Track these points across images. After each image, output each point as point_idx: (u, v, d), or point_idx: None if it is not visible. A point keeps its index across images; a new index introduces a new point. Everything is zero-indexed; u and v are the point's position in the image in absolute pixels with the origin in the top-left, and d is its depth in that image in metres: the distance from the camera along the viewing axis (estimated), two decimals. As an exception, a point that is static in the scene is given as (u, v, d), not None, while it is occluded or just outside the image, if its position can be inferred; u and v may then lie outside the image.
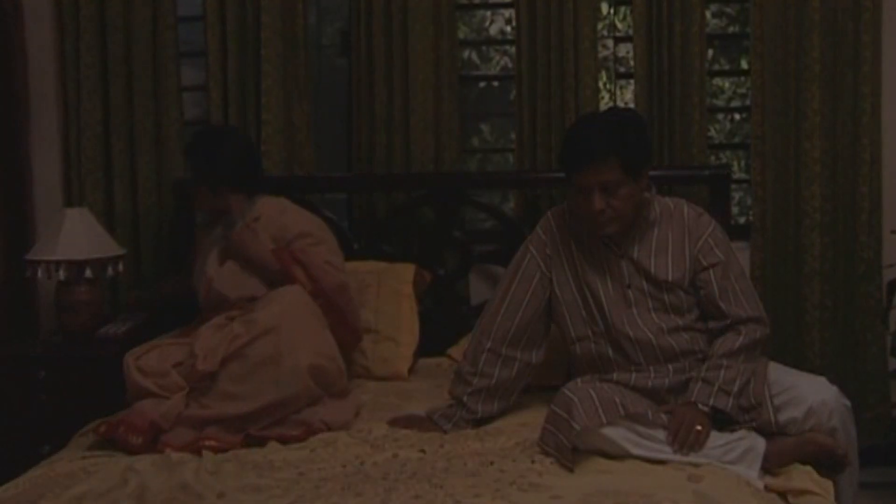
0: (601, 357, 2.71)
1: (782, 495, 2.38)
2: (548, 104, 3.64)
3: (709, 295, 2.67)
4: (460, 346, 3.23)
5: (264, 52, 3.63)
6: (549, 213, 2.84)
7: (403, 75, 3.66)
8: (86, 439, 2.75)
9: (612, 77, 4.14)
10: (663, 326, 2.66)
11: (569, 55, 3.60)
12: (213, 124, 3.67)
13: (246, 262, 3.10)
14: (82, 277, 3.38)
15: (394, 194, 3.73)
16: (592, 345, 2.72)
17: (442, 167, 3.71)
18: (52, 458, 2.62)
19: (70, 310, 3.39)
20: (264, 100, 3.64)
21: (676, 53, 3.60)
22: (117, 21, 3.68)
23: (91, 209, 3.55)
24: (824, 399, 2.58)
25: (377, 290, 3.35)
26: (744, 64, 4.35)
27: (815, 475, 2.45)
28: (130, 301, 3.62)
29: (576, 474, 2.34)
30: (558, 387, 2.57)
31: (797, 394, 2.59)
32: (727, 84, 5.42)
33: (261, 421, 2.71)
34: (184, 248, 3.56)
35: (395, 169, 3.70)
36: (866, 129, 3.57)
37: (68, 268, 3.35)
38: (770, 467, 2.47)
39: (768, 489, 2.39)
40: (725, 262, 2.68)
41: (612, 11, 4.01)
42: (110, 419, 2.71)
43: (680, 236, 2.72)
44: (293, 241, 3.10)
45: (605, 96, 3.96)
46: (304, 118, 3.73)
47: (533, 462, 2.43)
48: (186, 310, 3.43)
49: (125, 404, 2.79)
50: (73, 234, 3.36)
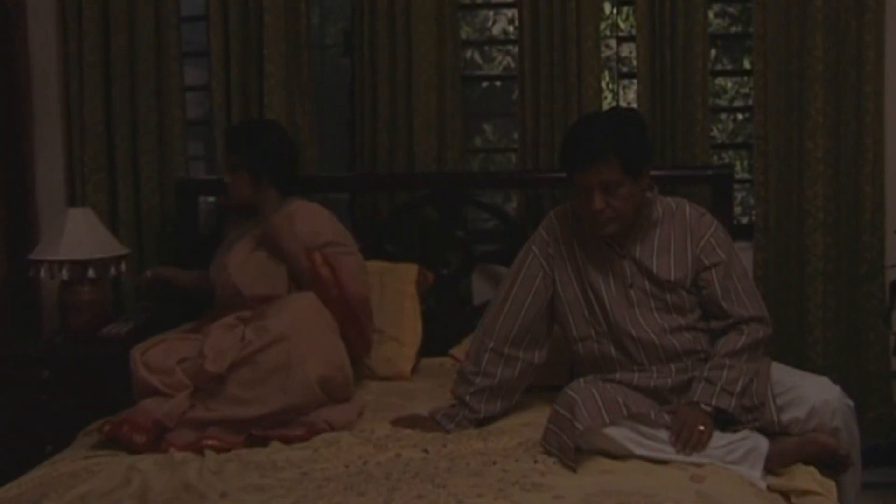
0: (604, 357, 2.71)
1: (785, 495, 2.38)
2: (550, 104, 3.64)
3: (711, 295, 2.67)
4: (463, 346, 3.23)
5: (267, 52, 3.63)
6: (552, 213, 2.85)
7: (406, 75, 3.67)
8: (89, 439, 2.75)
9: (615, 77, 4.15)
10: (665, 326, 2.66)
11: (571, 55, 3.60)
12: (257, 119, 3.66)
13: (276, 252, 3.10)
14: (85, 277, 3.38)
15: (396, 194, 3.73)
16: (595, 344, 2.72)
17: (445, 167, 3.71)
18: (56, 458, 2.62)
19: (73, 309, 3.39)
20: (267, 100, 3.64)
21: (679, 53, 3.60)
22: (120, 21, 3.68)
23: (94, 209, 3.56)
24: (827, 399, 2.58)
25: (380, 290, 3.35)
26: (746, 64, 4.36)
27: (818, 475, 2.45)
28: (146, 279, 3.49)
29: (578, 474, 2.34)
30: (561, 387, 2.56)
31: (800, 394, 2.59)
32: (730, 84, 5.43)
33: (264, 424, 2.71)
34: (186, 248, 3.56)
35: (398, 169, 3.71)
36: (869, 129, 3.57)
37: (71, 268, 3.36)
38: (773, 467, 2.46)
39: (771, 489, 2.38)
40: (727, 262, 2.68)
41: (615, 11, 4.01)
42: (114, 418, 2.71)
43: (682, 236, 2.72)
44: (324, 247, 3.11)
45: (608, 96, 3.96)
46: (307, 118, 3.73)
47: (536, 462, 2.43)
48: (187, 310, 3.44)
49: (130, 400, 2.79)
50: (76, 234, 3.36)
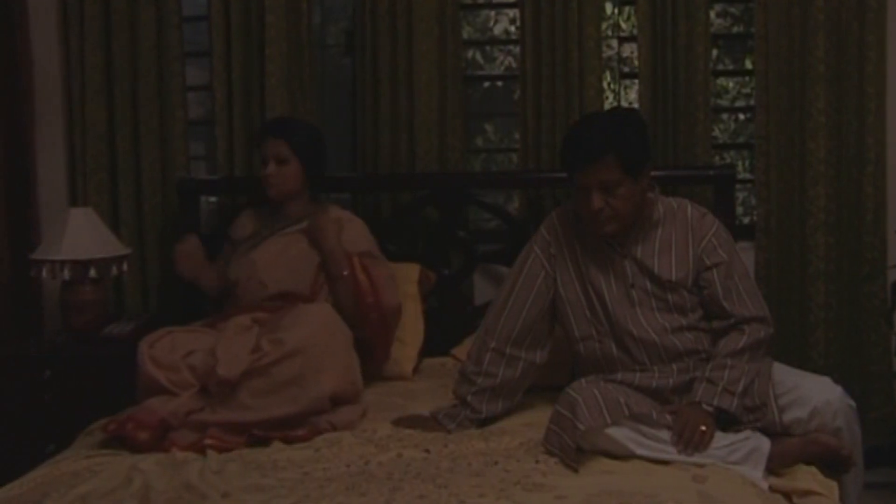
0: (605, 356, 2.71)
1: (787, 496, 2.38)
2: (552, 104, 3.64)
3: (712, 294, 2.67)
4: (464, 346, 3.23)
5: (269, 52, 3.63)
6: (554, 213, 2.85)
7: (408, 75, 3.67)
8: (91, 438, 2.75)
9: (617, 77, 4.15)
10: (667, 326, 2.66)
11: (573, 55, 3.60)
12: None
13: (317, 249, 3.14)
14: (87, 277, 3.38)
15: (398, 194, 3.74)
16: (597, 344, 2.72)
17: (446, 167, 3.71)
18: (57, 458, 2.62)
19: (74, 309, 3.39)
20: (269, 99, 3.64)
21: (681, 53, 3.60)
22: (122, 21, 3.68)
23: (96, 209, 3.56)
24: (829, 399, 2.58)
25: (381, 290, 3.35)
26: (748, 64, 4.35)
27: (820, 476, 2.45)
28: (188, 244, 3.32)
29: (580, 474, 2.34)
30: (563, 387, 2.56)
31: (801, 394, 2.59)
32: (731, 84, 5.42)
33: (267, 425, 2.70)
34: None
35: (400, 169, 3.71)
36: (871, 129, 3.57)
37: (73, 267, 3.36)
38: (774, 468, 2.47)
39: (773, 490, 2.38)
40: (729, 262, 2.68)
41: (617, 11, 4.01)
42: (118, 416, 2.71)
43: (683, 236, 2.72)
44: (363, 255, 3.16)
45: (610, 96, 3.96)
46: (309, 118, 3.72)
47: (537, 462, 2.43)
48: (188, 310, 3.44)
49: (132, 399, 2.80)
50: (78, 234, 3.36)
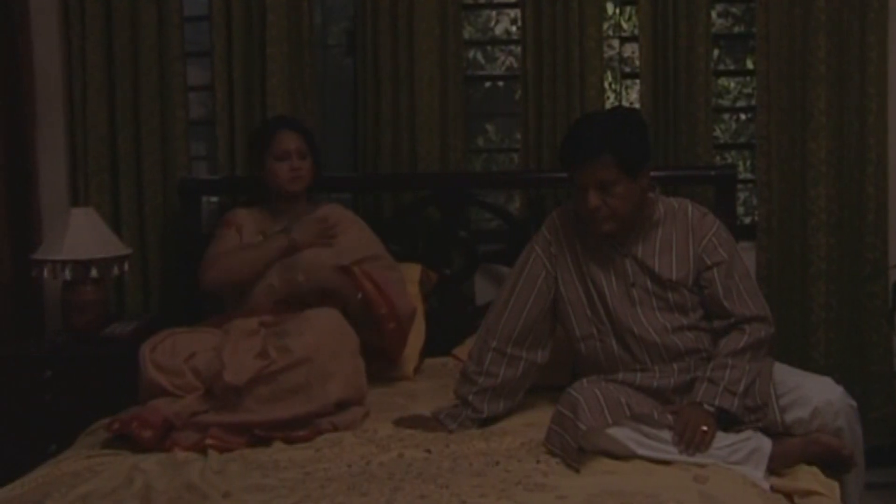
0: (606, 355, 2.71)
1: (788, 496, 2.38)
2: (553, 104, 3.64)
3: (713, 294, 2.67)
4: (466, 346, 3.23)
5: (270, 52, 3.63)
6: (555, 213, 2.85)
7: (409, 75, 3.67)
8: (92, 438, 2.75)
9: (618, 77, 4.15)
10: (668, 325, 2.66)
11: (574, 55, 3.60)
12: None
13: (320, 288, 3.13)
14: (88, 277, 3.38)
15: (399, 194, 3.74)
16: (598, 343, 2.72)
17: (447, 167, 3.71)
18: (58, 458, 2.62)
19: (76, 309, 3.39)
20: (270, 100, 3.64)
21: (682, 53, 3.60)
22: (123, 21, 3.68)
23: (97, 209, 3.56)
24: (830, 399, 2.58)
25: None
26: (749, 64, 4.35)
27: (821, 476, 2.45)
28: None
29: (581, 475, 2.34)
30: (564, 387, 2.56)
31: (803, 394, 2.59)
32: (733, 84, 5.42)
33: (269, 426, 2.70)
34: (189, 248, 3.56)
35: (401, 169, 3.71)
36: (872, 130, 3.57)
37: (74, 267, 3.36)
38: (776, 468, 2.47)
39: (774, 490, 2.38)
40: (729, 261, 2.68)
41: (618, 11, 4.02)
42: (122, 415, 2.71)
43: (684, 235, 2.72)
44: (364, 261, 3.15)
45: (611, 96, 3.97)
46: (310, 118, 3.72)
47: (538, 462, 2.43)
48: (189, 310, 3.45)
49: (133, 399, 2.80)
50: (79, 234, 3.36)
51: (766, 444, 2.47)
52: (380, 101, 3.69)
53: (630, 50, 4.02)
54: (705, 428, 2.44)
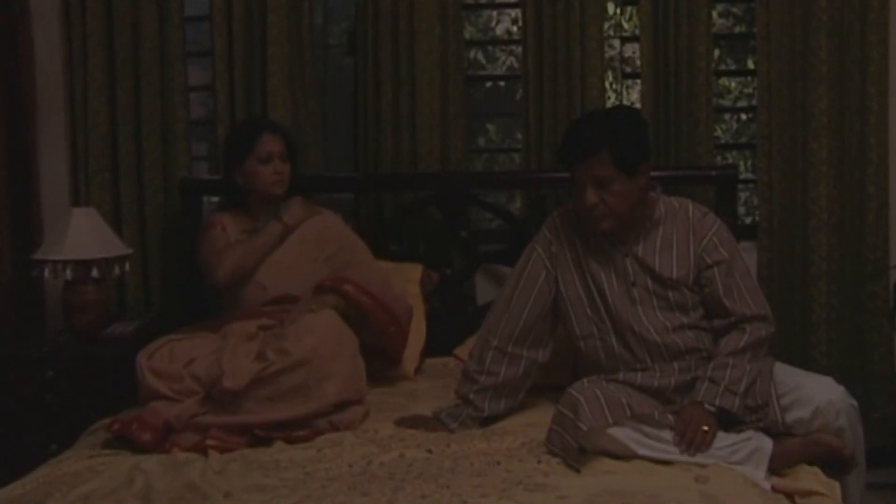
0: (607, 354, 2.71)
1: (789, 496, 2.37)
2: (554, 104, 3.64)
3: (713, 293, 2.67)
4: (466, 346, 3.23)
5: (271, 52, 3.63)
6: (555, 213, 2.85)
7: (410, 75, 3.66)
8: (92, 438, 2.75)
9: (619, 77, 4.15)
10: (668, 324, 2.66)
11: (575, 55, 3.60)
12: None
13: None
14: (89, 277, 3.38)
15: (400, 194, 3.73)
16: (598, 342, 2.72)
17: (448, 167, 3.71)
18: (59, 458, 2.62)
19: (77, 309, 3.39)
20: (271, 99, 3.64)
21: (683, 53, 3.60)
22: (124, 21, 3.68)
23: (98, 209, 3.56)
24: (831, 399, 2.58)
25: (383, 290, 3.34)
26: (750, 64, 4.36)
27: (822, 476, 2.45)
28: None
29: (582, 475, 2.34)
30: (565, 387, 2.57)
31: (804, 394, 2.59)
32: (733, 84, 5.43)
33: (269, 426, 2.70)
34: (190, 248, 3.56)
35: (402, 169, 3.70)
36: (873, 130, 3.56)
37: (75, 267, 3.36)
38: (776, 468, 2.46)
39: (775, 490, 2.38)
40: (730, 261, 2.68)
41: (619, 11, 4.02)
42: (122, 416, 2.71)
43: (685, 235, 2.72)
44: (347, 268, 3.16)
45: (612, 96, 3.96)
46: (311, 118, 3.73)
47: (539, 462, 2.43)
48: (190, 310, 3.44)
49: (134, 400, 2.79)
50: (80, 234, 3.36)
51: (767, 444, 2.47)
52: (380, 101, 3.69)
53: (631, 50, 4.02)
54: (706, 428, 2.44)
